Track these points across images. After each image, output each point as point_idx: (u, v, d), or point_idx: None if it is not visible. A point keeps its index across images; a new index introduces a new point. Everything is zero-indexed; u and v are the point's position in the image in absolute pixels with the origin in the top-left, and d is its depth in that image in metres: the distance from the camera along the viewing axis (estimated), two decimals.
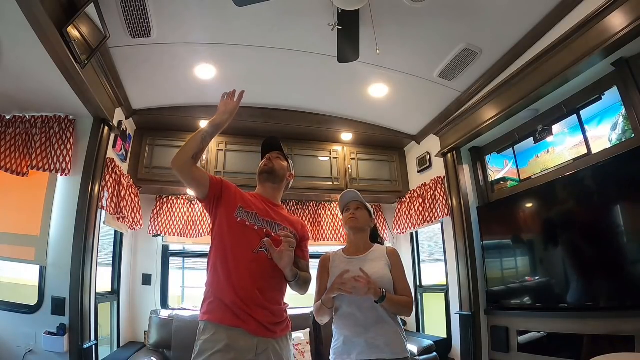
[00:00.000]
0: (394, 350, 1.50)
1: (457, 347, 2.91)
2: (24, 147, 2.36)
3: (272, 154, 1.65)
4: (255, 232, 1.42)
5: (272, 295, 1.41)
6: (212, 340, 1.27)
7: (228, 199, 1.45)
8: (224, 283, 1.35)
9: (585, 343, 2.02)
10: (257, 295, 1.34)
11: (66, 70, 2.00)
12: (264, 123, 3.37)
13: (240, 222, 1.41)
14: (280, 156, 1.66)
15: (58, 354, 2.11)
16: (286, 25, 2.33)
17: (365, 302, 1.55)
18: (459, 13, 2.20)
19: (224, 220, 1.43)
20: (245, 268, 1.36)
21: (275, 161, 1.63)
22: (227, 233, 1.40)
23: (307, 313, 3.30)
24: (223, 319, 1.30)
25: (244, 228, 1.41)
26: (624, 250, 1.90)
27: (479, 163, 3.14)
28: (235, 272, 1.35)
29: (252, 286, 1.34)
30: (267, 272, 1.39)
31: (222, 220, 1.43)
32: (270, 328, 1.35)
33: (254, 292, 1.34)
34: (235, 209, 1.43)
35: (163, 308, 3.25)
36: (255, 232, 1.42)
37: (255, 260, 1.38)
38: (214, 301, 1.35)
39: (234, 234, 1.40)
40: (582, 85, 2.24)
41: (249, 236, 1.41)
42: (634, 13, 1.72)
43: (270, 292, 1.40)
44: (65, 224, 2.34)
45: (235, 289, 1.33)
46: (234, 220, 1.41)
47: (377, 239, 1.83)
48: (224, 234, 1.41)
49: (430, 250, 3.75)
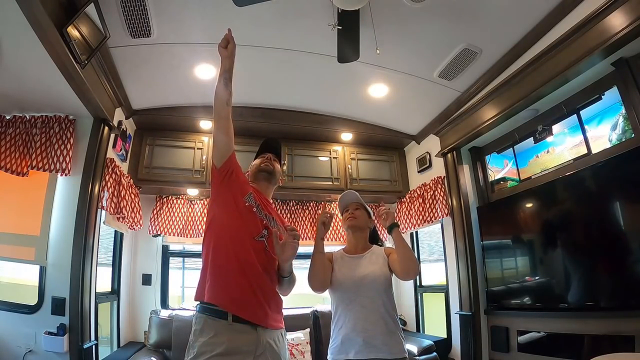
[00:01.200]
0: (392, 350, 1.51)
1: (457, 347, 2.91)
2: (24, 147, 2.36)
3: (271, 156, 1.66)
4: (259, 221, 1.43)
5: (271, 286, 1.40)
6: (211, 343, 1.22)
7: (239, 181, 1.44)
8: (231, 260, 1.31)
9: (586, 343, 2.02)
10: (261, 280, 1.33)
11: (66, 70, 2.00)
12: (264, 123, 3.37)
13: (248, 206, 1.41)
14: (277, 160, 1.68)
15: (58, 354, 2.11)
16: (286, 26, 2.33)
17: (366, 302, 1.55)
18: (459, 13, 2.20)
19: (231, 200, 1.40)
20: (248, 248, 1.35)
21: (274, 163, 1.64)
22: (233, 213, 1.38)
23: (307, 313, 3.31)
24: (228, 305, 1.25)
25: (251, 214, 1.41)
26: (624, 250, 1.90)
27: (479, 163, 3.14)
28: (241, 250, 1.33)
29: (255, 269, 1.33)
30: (267, 262, 1.39)
31: (228, 199, 1.40)
32: (271, 315, 1.34)
33: (258, 276, 1.32)
34: (246, 193, 1.43)
35: (163, 308, 3.25)
36: (259, 220, 1.43)
37: (260, 247, 1.38)
38: (218, 280, 1.29)
39: (241, 215, 1.39)
40: (582, 85, 2.24)
41: (255, 222, 1.41)
42: (634, 13, 1.72)
43: (270, 283, 1.39)
44: (65, 224, 2.34)
45: (242, 266, 1.31)
46: (242, 203, 1.41)
47: (377, 241, 1.83)
48: (228, 215, 1.39)
49: (430, 250, 3.75)
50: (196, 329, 1.28)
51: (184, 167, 3.33)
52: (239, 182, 1.44)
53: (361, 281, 1.58)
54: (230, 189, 1.41)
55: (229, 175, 1.41)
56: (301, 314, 3.27)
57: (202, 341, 1.23)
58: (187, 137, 3.42)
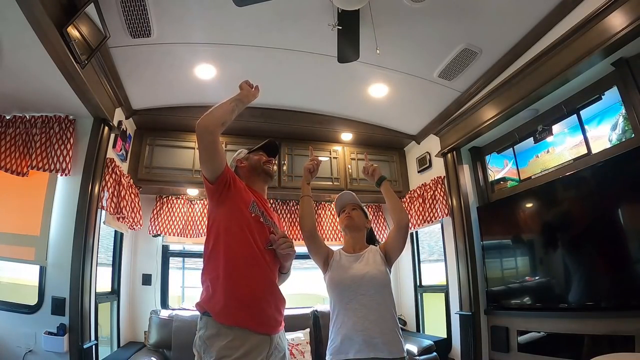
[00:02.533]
0: (391, 350, 1.51)
1: (457, 347, 2.91)
2: (24, 147, 2.36)
3: (272, 159, 1.67)
4: (267, 229, 1.45)
5: (279, 290, 1.46)
6: (230, 347, 1.21)
7: (239, 191, 1.41)
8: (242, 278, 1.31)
9: (586, 343, 2.02)
10: (273, 288, 1.39)
11: (66, 70, 2.00)
12: (264, 123, 3.37)
13: (255, 217, 1.41)
14: (275, 162, 1.72)
15: (58, 354, 2.11)
16: (286, 26, 2.33)
17: (364, 301, 1.56)
18: (459, 13, 2.20)
19: (236, 213, 1.37)
20: (263, 262, 1.37)
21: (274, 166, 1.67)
22: (245, 226, 1.36)
23: (307, 313, 3.31)
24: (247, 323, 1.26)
25: (259, 224, 1.43)
26: (624, 250, 1.90)
27: (479, 163, 3.14)
28: (254, 266, 1.34)
29: (269, 280, 1.39)
30: (275, 267, 1.47)
31: (233, 212, 1.37)
32: (281, 321, 1.42)
33: (271, 286, 1.39)
34: (250, 203, 1.42)
35: (163, 308, 3.25)
36: (267, 228, 1.46)
37: (269, 255, 1.42)
38: (230, 301, 1.27)
39: (252, 228, 1.38)
40: (582, 85, 2.24)
41: (263, 231, 1.43)
42: (634, 13, 1.72)
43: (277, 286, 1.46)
44: (65, 224, 2.34)
45: (254, 284, 1.33)
46: (249, 214, 1.39)
47: (374, 242, 1.84)
48: (239, 226, 1.35)
49: (430, 250, 3.75)
50: (211, 333, 1.25)
51: (184, 167, 3.33)
52: (240, 192, 1.41)
53: (360, 280, 1.58)
54: (234, 201, 1.38)
55: (228, 188, 1.37)
56: (301, 314, 3.27)
57: (220, 345, 1.22)
58: (187, 137, 3.42)
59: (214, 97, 3.06)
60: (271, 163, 1.64)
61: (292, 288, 3.67)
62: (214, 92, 3.00)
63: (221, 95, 1.50)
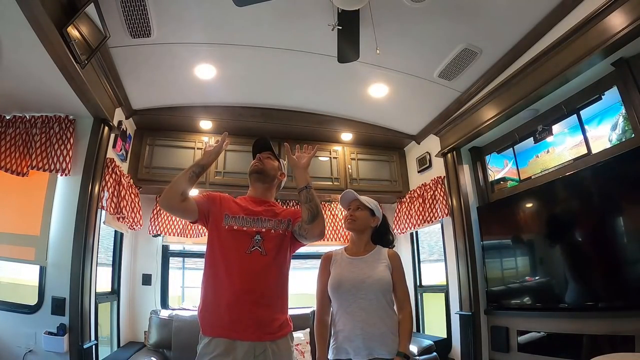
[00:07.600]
0: (391, 351, 1.52)
1: (457, 347, 2.91)
2: (24, 147, 2.36)
3: (263, 155, 1.66)
4: (246, 233, 1.45)
5: (267, 293, 1.40)
6: (210, 344, 1.33)
7: (215, 211, 1.50)
8: (217, 289, 1.39)
9: (585, 343, 2.02)
10: (250, 296, 1.36)
11: (66, 70, 2.00)
12: (264, 123, 3.37)
13: (228, 229, 1.45)
14: (271, 156, 1.67)
15: (58, 354, 2.11)
16: (286, 26, 2.33)
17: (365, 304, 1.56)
18: (459, 13, 2.20)
19: (214, 233, 1.47)
20: (237, 270, 1.38)
21: (266, 161, 1.63)
22: (217, 243, 1.45)
23: (307, 313, 3.30)
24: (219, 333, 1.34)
25: (234, 233, 1.44)
26: (624, 250, 1.90)
27: (479, 163, 3.14)
28: (226, 277, 1.38)
29: (246, 287, 1.37)
30: (261, 270, 1.41)
31: (212, 233, 1.48)
32: (267, 330, 1.36)
33: (247, 293, 1.36)
34: (222, 218, 1.47)
35: (163, 308, 3.25)
36: (245, 232, 1.45)
37: (248, 260, 1.40)
38: (207, 313, 1.39)
39: (223, 241, 1.44)
40: (582, 85, 2.24)
41: (240, 239, 1.43)
42: (634, 13, 1.72)
43: (265, 290, 1.40)
44: (65, 224, 2.34)
45: (228, 294, 1.36)
46: (222, 229, 1.46)
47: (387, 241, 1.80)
48: (214, 245, 1.46)
49: (430, 250, 3.75)
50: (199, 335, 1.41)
51: (184, 167, 3.26)
52: (216, 213, 1.50)
53: (361, 284, 1.59)
54: (212, 224, 1.49)
55: (208, 216, 1.50)
56: (301, 314, 3.26)
57: (201, 346, 1.37)
58: (187, 137, 3.42)
59: (214, 97, 3.10)
60: (258, 160, 1.63)
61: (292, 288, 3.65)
62: (214, 92, 3.01)
63: (221, 95, 1.51)
